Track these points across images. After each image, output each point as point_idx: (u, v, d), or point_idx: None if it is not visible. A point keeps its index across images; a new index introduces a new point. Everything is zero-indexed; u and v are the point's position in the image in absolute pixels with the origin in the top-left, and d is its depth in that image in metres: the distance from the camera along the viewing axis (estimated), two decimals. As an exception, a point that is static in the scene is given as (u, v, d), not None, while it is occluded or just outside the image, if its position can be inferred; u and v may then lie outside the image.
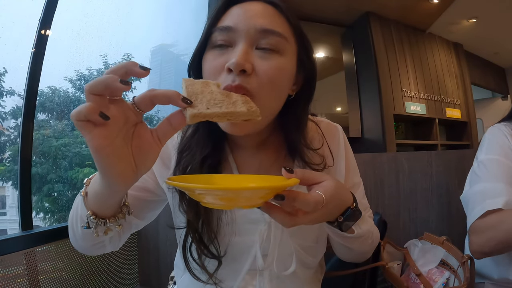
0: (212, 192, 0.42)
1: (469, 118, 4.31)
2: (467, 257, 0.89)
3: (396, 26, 3.90)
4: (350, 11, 3.67)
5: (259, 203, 0.45)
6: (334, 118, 3.67)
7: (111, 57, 3.62)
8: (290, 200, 0.44)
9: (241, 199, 0.43)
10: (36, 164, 3.01)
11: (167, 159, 0.68)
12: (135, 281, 1.47)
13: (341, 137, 0.75)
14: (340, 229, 0.55)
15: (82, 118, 0.39)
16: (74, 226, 0.58)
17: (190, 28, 2.79)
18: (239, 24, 0.56)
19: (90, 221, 0.51)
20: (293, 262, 0.62)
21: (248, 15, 0.56)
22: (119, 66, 0.40)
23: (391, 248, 1.11)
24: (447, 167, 1.29)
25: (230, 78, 0.53)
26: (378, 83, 3.55)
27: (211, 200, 0.43)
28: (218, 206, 0.45)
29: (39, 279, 1.05)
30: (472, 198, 0.85)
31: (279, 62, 0.56)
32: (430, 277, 0.97)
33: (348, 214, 0.54)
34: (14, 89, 2.94)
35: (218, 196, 0.42)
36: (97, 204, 0.50)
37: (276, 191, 0.44)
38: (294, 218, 0.47)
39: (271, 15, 0.57)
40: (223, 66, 0.54)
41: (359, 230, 0.58)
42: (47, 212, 3.22)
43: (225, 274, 0.64)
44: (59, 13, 1.32)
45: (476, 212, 0.80)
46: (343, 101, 3.73)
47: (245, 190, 0.43)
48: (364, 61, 3.73)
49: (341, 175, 0.71)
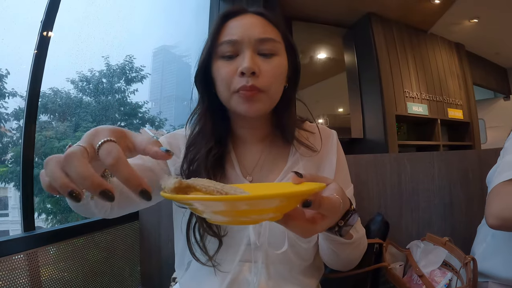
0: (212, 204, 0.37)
1: (471, 118, 4.30)
2: (470, 258, 0.89)
3: (398, 26, 3.90)
4: (351, 12, 3.67)
5: (276, 216, 0.41)
6: (336, 119, 3.67)
7: (113, 58, 3.63)
8: (316, 206, 0.42)
9: (265, 211, 0.39)
10: (38, 165, 3.01)
11: (176, 148, 0.76)
12: (137, 282, 1.47)
13: (334, 138, 0.82)
14: (339, 234, 0.53)
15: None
16: None
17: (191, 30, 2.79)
18: (241, 36, 0.68)
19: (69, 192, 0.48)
20: (286, 241, 0.68)
21: (246, 27, 0.69)
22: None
23: (393, 249, 1.10)
24: (449, 168, 1.29)
25: (244, 80, 0.66)
26: (380, 84, 3.54)
27: (219, 218, 0.39)
28: (226, 223, 0.41)
29: (41, 280, 1.05)
30: (502, 166, 0.84)
31: (277, 62, 0.70)
32: (433, 278, 0.96)
33: (348, 217, 0.52)
34: (16, 91, 2.95)
35: (220, 210, 0.37)
36: None
37: (304, 197, 0.40)
38: (314, 225, 0.45)
39: (263, 25, 0.70)
40: (234, 72, 0.67)
41: (357, 234, 0.59)
42: (49, 213, 3.22)
43: (222, 259, 0.71)
44: (61, 15, 1.32)
45: (504, 176, 0.79)
46: (345, 102, 3.72)
47: (275, 197, 0.37)
48: (366, 62, 3.73)
49: (332, 169, 0.77)
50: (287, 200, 0.39)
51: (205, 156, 0.69)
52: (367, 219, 1.16)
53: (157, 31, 4.86)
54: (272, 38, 0.69)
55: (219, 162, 0.72)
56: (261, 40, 0.68)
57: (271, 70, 0.68)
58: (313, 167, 0.77)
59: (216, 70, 0.70)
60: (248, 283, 0.69)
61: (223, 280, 0.70)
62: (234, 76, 0.67)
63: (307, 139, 0.78)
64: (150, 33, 4.76)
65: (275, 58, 0.69)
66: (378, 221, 1.10)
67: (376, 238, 1.04)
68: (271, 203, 0.38)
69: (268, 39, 0.69)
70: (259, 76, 0.67)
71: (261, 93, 0.67)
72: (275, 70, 0.69)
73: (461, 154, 1.31)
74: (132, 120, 3.90)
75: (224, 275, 0.71)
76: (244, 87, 0.66)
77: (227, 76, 0.68)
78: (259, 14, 0.72)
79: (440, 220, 1.27)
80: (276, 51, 0.70)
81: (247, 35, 0.68)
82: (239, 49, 0.68)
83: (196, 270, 0.74)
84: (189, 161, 0.70)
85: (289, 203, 0.40)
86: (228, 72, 0.68)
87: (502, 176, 0.80)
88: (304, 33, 3.66)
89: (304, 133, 0.80)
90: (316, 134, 0.80)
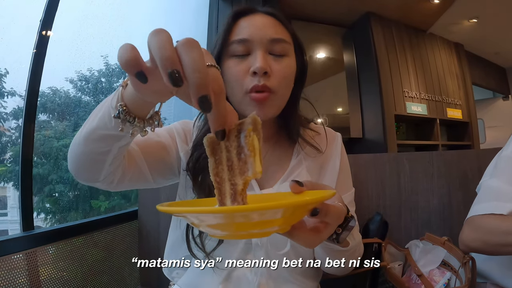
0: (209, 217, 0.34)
1: (470, 118, 4.31)
2: (469, 257, 0.89)
3: (397, 26, 3.90)
4: (351, 11, 3.67)
5: (284, 228, 0.39)
6: (335, 118, 3.67)
7: (112, 57, 3.62)
8: (323, 214, 0.42)
9: (270, 223, 0.35)
10: (37, 165, 3.01)
11: (188, 134, 0.78)
12: (136, 282, 1.47)
13: (339, 141, 0.83)
14: (337, 241, 0.52)
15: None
16: (88, 126, 0.54)
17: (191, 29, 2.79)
18: (252, 35, 0.68)
19: (121, 111, 0.48)
20: (288, 241, 0.68)
21: (258, 27, 0.68)
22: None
23: (392, 249, 1.11)
24: (448, 168, 1.29)
25: (256, 79, 0.66)
26: (379, 84, 3.54)
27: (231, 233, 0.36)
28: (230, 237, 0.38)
29: (40, 280, 1.05)
30: (483, 192, 0.84)
31: (288, 63, 0.70)
32: (431, 278, 0.97)
33: (345, 224, 0.51)
34: (15, 90, 2.94)
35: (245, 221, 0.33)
36: (130, 100, 0.47)
37: (313, 206, 0.39)
38: (320, 235, 0.44)
39: (274, 25, 0.70)
40: (246, 71, 0.67)
41: (353, 242, 0.58)
42: (48, 213, 3.22)
43: (222, 256, 0.69)
44: (60, 14, 1.32)
45: (480, 209, 0.80)
46: (344, 102, 3.72)
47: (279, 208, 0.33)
48: (365, 62, 3.73)
49: (335, 171, 0.78)
50: (296, 210, 0.36)
51: None
52: (366, 218, 1.16)
53: (157, 31, 4.84)
54: (283, 39, 0.69)
55: None
56: (273, 41, 0.68)
57: (282, 70, 0.68)
58: (316, 168, 0.77)
59: (227, 69, 0.69)
60: (248, 282, 0.69)
61: (222, 278, 0.70)
62: (246, 75, 0.67)
63: (312, 138, 0.79)
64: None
65: (285, 59, 0.70)
66: (377, 221, 1.11)
67: (375, 238, 1.04)
68: (276, 214, 0.34)
69: (280, 40, 0.69)
70: (271, 76, 0.67)
71: (272, 95, 0.67)
72: (285, 70, 0.69)
73: (460, 154, 1.31)
74: (131, 120, 3.89)
75: (223, 273, 0.70)
76: (256, 87, 0.66)
77: (239, 75, 0.68)
78: (270, 14, 0.72)
79: (439, 220, 1.27)
80: (287, 52, 0.70)
81: (259, 34, 0.68)
82: (250, 49, 0.68)
83: (195, 268, 0.74)
84: (195, 160, 0.70)
85: (298, 213, 0.37)
86: (240, 71, 0.68)
87: (479, 207, 0.81)
88: (303, 32, 3.65)
89: (310, 132, 0.81)
90: (322, 135, 0.80)
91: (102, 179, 0.61)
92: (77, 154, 0.58)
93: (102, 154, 0.56)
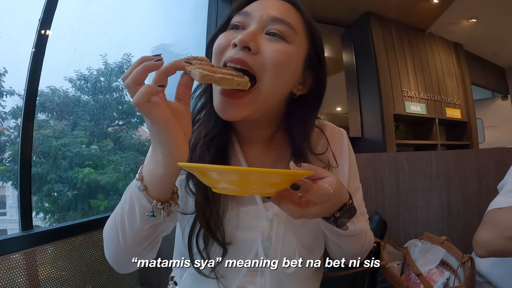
0: (227, 173, 0.43)
1: (469, 118, 4.31)
2: (467, 257, 0.89)
3: (396, 26, 3.90)
4: (350, 11, 3.67)
5: (271, 191, 0.47)
6: (334, 118, 3.67)
7: (111, 57, 3.63)
8: (303, 190, 0.47)
9: (254, 184, 0.44)
10: (36, 164, 3.01)
11: None
12: (135, 281, 1.47)
13: (345, 141, 0.77)
14: (335, 224, 0.56)
15: (145, 100, 0.44)
16: (122, 230, 0.57)
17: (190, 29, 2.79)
18: (254, 11, 0.61)
19: (155, 208, 0.53)
20: (297, 260, 0.64)
21: (265, 6, 0.62)
22: (139, 64, 0.47)
23: (391, 248, 1.11)
24: (447, 167, 1.29)
25: (233, 51, 0.57)
26: (378, 83, 3.54)
27: (225, 185, 0.45)
28: (230, 192, 0.46)
29: (39, 279, 1.05)
30: (506, 188, 0.82)
31: (285, 48, 0.59)
32: (430, 277, 0.97)
33: (344, 210, 0.55)
34: (14, 89, 2.94)
35: (232, 179, 0.44)
36: (157, 190, 0.52)
37: (290, 179, 0.46)
38: (304, 209, 0.50)
39: (286, 9, 0.62)
40: (230, 43, 0.59)
41: (353, 227, 0.59)
42: (47, 212, 3.22)
43: (226, 270, 0.65)
44: (59, 13, 1.31)
45: (497, 202, 0.78)
46: (343, 101, 3.72)
47: (259, 173, 0.44)
48: (364, 61, 3.73)
49: (345, 177, 0.73)
50: (281, 177, 0.45)
51: (208, 144, 0.65)
52: (365, 218, 1.16)
53: (156, 30, 4.85)
54: (287, 21, 0.60)
55: (222, 152, 0.67)
56: (274, 19, 0.59)
57: (273, 53, 0.57)
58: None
59: (217, 38, 0.62)
60: None
61: None
62: (228, 47, 0.59)
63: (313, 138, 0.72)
64: (148, 32, 4.76)
65: (283, 43, 0.59)
66: (376, 220, 1.11)
67: (374, 237, 1.04)
68: (269, 178, 0.44)
69: (282, 20, 0.59)
70: (257, 55, 0.57)
71: (252, 82, 0.57)
72: (278, 54, 0.58)
73: (459, 153, 1.31)
74: (130, 119, 3.90)
75: (228, 286, 0.67)
76: (230, 58, 0.57)
77: (222, 46, 0.60)
78: (288, 1, 0.64)
79: (438, 219, 1.28)
80: (288, 37, 0.60)
81: (261, 11, 0.60)
82: (248, 23, 0.61)
83: (198, 281, 0.70)
84: (192, 145, 0.65)
85: (281, 181, 0.45)
86: (224, 41, 0.60)
87: (496, 200, 0.78)
88: (303, 32, 3.65)
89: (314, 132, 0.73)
90: (324, 138, 0.75)
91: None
92: (125, 256, 0.61)
93: (152, 244, 0.63)
